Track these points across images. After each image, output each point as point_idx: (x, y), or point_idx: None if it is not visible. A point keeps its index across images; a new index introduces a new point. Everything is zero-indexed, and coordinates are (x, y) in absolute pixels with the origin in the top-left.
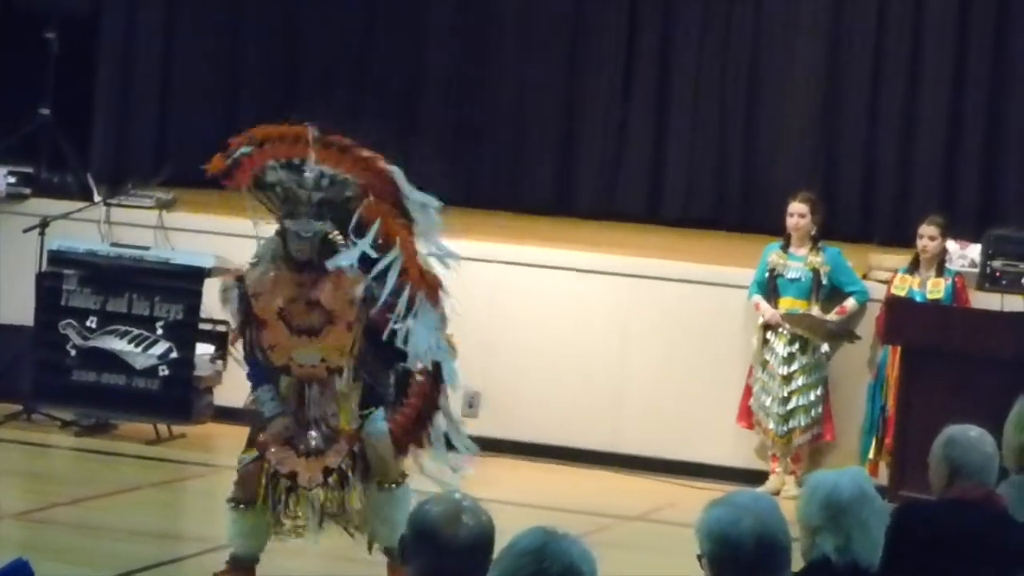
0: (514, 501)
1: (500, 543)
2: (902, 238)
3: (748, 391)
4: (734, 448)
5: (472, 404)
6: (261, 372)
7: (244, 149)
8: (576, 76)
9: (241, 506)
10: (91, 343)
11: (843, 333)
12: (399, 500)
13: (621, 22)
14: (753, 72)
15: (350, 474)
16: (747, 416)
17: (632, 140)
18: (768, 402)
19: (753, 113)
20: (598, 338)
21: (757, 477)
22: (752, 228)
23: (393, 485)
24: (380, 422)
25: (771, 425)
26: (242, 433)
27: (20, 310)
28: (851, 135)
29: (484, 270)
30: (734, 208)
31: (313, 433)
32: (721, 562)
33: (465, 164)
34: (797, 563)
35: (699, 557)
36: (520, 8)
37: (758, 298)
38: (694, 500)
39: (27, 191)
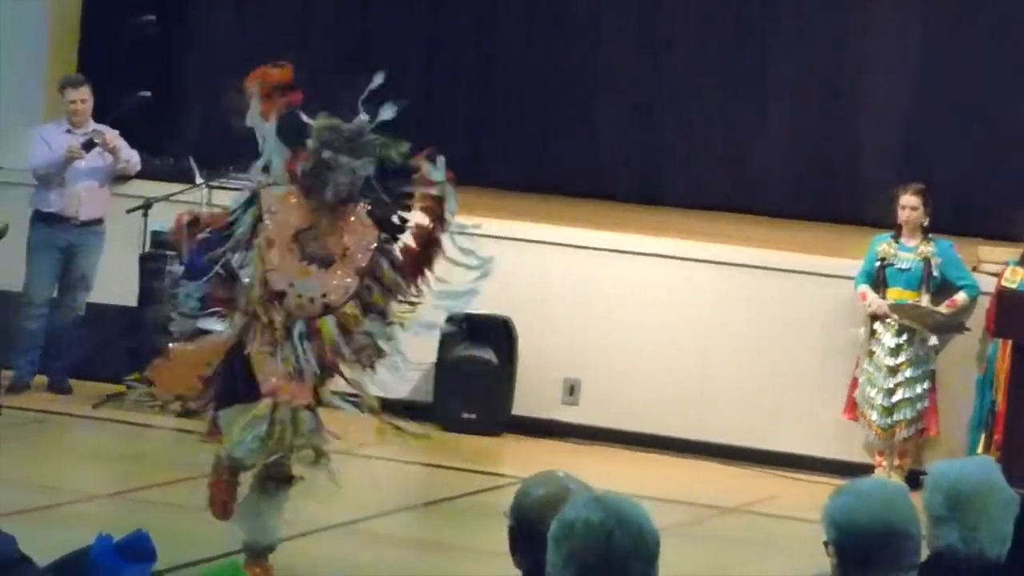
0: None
1: None
2: (1008, 232)
3: (855, 383)
4: (837, 440)
5: (572, 392)
6: (201, 272)
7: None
8: (667, 66)
9: None
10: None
11: (953, 324)
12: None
13: (721, 6)
14: (853, 61)
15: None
16: (853, 408)
17: (728, 130)
18: (873, 393)
19: (853, 104)
20: (699, 328)
21: (861, 471)
22: (850, 220)
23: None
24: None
25: (875, 417)
26: (345, 419)
27: (123, 291)
28: (954, 126)
29: (583, 258)
30: (832, 200)
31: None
32: (847, 550)
33: (558, 152)
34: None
35: (825, 544)
36: None
37: (865, 288)
38: (796, 492)
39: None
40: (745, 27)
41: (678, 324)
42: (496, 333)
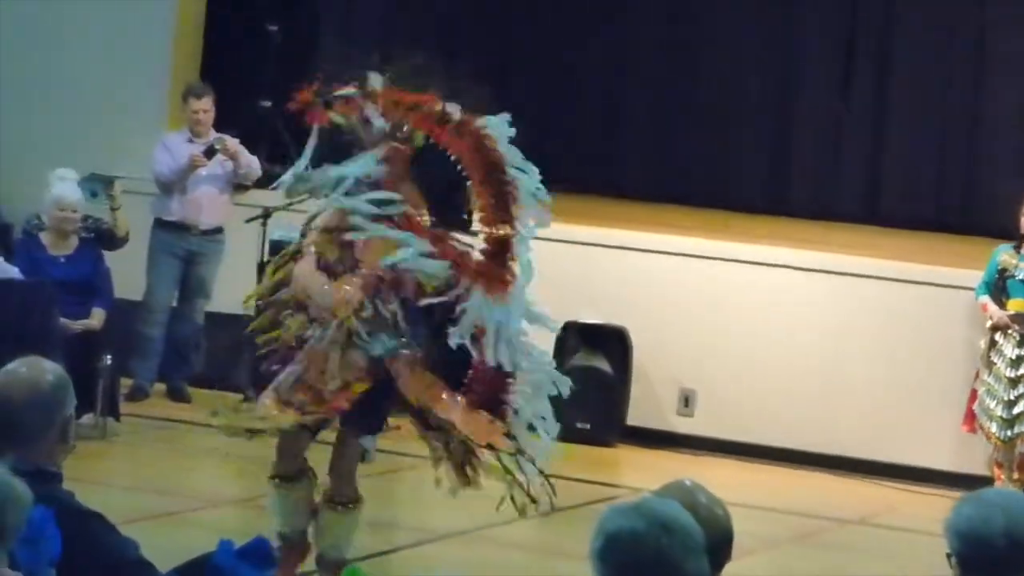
0: (730, 501)
1: None
2: None
3: (974, 395)
4: (955, 453)
5: (688, 403)
6: None
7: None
8: (792, 74)
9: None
10: None
11: None
12: (348, 522)
13: (841, 18)
14: (975, 70)
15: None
16: (972, 420)
17: (850, 139)
18: (993, 405)
19: (975, 113)
20: (815, 338)
21: (980, 483)
22: (972, 230)
23: (343, 506)
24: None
25: (994, 429)
26: None
27: (242, 300)
28: None
29: (699, 267)
30: (953, 210)
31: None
32: (971, 562)
33: (678, 161)
34: None
35: (948, 556)
36: (734, 2)
37: (985, 299)
38: (914, 504)
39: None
40: (864, 38)
41: (794, 335)
42: (611, 343)
